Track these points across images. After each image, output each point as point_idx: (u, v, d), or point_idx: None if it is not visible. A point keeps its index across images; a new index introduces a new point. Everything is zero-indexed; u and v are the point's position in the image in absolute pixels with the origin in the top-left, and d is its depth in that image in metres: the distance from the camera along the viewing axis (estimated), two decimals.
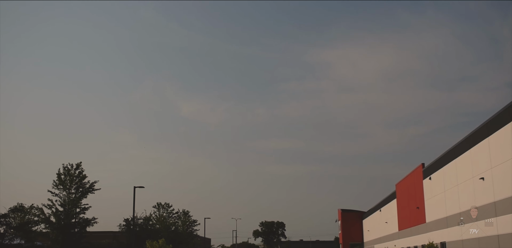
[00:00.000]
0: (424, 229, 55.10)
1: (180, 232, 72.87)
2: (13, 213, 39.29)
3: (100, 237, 68.81)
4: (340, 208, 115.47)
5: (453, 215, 45.28)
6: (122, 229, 59.39)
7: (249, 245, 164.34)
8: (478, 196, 39.14)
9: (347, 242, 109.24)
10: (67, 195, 47.31)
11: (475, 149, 39.93)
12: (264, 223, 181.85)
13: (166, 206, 74.96)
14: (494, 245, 35.72)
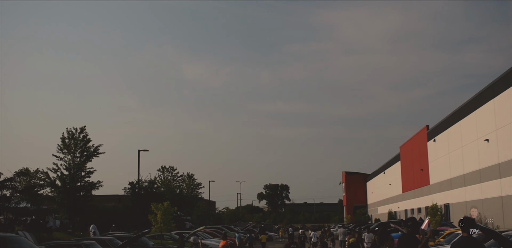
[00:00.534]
0: (428, 191, 55.37)
1: (185, 195, 73.38)
2: (18, 177, 39.44)
3: (106, 201, 69.47)
4: (344, 171, 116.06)
5: (457, 177, 45.40)
6: (127, 192, 59.73)
7: (254, 208, 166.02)
8: (483, 158, 39.15)
9: (351, 204, 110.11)
10: (72, 159, 47.41)
11: (480, 110, 39.74)
12: (268, 186, 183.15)
13: (171, 170, 75.33)
14: (498, 206, 35.87)
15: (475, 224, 10.36)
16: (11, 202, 36.92)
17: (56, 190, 46.82)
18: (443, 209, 46.19)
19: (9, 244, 14.51)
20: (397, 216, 71.06)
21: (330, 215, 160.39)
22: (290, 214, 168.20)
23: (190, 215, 76.08)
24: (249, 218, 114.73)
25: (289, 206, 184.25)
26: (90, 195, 49.03)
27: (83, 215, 49.34)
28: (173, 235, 35.63)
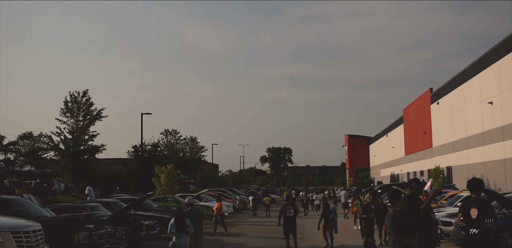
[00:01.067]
0: (431, 153, 55.49)
1: (188, 158, 73.74)
2: (22, 140, 39.51)
3: (109, 164, 69.68)
4: (347, 134, 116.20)
5: (460, 139, 45.41)
6: (131, 155, 60.01)
7: (257, 171, 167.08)
8: (486, 121, 39.07)
9: (354, 167, 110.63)
10: (75, 122, 47.44)
11: (484, 73, 39.47)
12: (271, 149, 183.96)
13: (174, 133, 75.45)
14: (500, 169, 35.98)
15: (481, 185, 10.34)
16: (15, 166, 37.01)
17: (60, 154, 47.00)
18: (445, 172, 46.35)
19: (15, 207, 14.61)
20: (400, 179, 71.44)
21: (332, 178, 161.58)
22: (292, 177, 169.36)
23: (194, 178, 76.54)
24: (252, 181, 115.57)
25: (292, 169, 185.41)
26: (93, 159, 49.24)
27: (87, 178, 49.60)
28: (177, 198, 35.88)
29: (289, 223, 21.20)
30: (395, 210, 9.93)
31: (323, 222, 21.45)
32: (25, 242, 10.63)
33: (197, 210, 16.35)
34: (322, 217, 21.61)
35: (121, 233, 18.67)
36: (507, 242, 15.68)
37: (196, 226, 15.62)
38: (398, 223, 9.73)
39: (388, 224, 9.60)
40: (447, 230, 17.75)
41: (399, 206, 10.00)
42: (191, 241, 15.52)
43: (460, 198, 23.49)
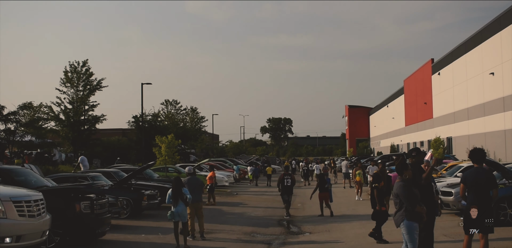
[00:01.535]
0: (431, 124, 55.49)
1: (188, 128, 73.69)
2: (22, 110, 39.38)
3: (110, 134, 69.71)
4: (347, 104, 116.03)
5: (461, 110, 45.35)
6: (131, 126, 59.98)
7: (257, 141, 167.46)
8: (487, 92, 38.95)
9: (354, 137, 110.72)
10: (75, 92, 47.27)
11: (486, 44, 39.20)
12: (271, 120, 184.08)
13: (174, 103, 75.24)
14: (500, 140, 36.01)
15: (483, 155, 10.35)
16: (16, 136, 37.02)
17: (60, 124, 46.96)
18: (445, 143, 46.42)
19: (16, 177, 14.63)
20: (400, 149, 71.58)
21: (332, 149, 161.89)
22: (293, 148, 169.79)
23: (194, 148, 76.68)
24: (253, 151, 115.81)
25: (292, 140, 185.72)
26: (94, 129, 49.23)
27: (88, 149, 49.69)
28: (178, 168, 36.00)
29: (287, 192, 21.72)
30: (405, 179, 9.94)
31: (318, 192, 21.80)
32: (26, 211, 10.68)
33: (197, 180, 16.38)
34: (317, 187, 21.92)
35: (122, 203, 18.77)
36: (507, 212, 15.76)
37: (195, 195, 15.68)
38: (411, 192, 9.76)
39: (402, 194, 9.59)
40: (447, 200, 17.83)
41: (407, 174, 10.00)
42: (191, 210, 15.60)
43: (460, 168, 23.52)
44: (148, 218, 20.13)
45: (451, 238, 13.80)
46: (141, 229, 17.01)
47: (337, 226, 18.19)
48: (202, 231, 15.72)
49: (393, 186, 10.15)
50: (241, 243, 14.91)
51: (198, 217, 15.82)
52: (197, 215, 15.79)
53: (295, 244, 14.75)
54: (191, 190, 15.52)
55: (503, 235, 13.82)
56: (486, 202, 9.96)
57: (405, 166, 10.05)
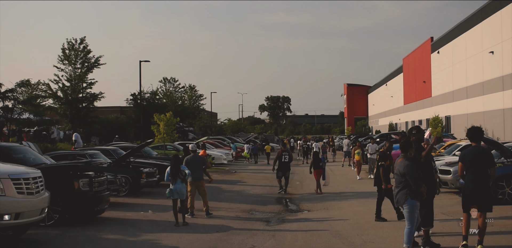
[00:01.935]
0: (430, 103, 55.43)
1: (187, 106, 73.60)
2: (19, 87, 39.17)
3: (108, 112, 69.64)
4: (346, 83, 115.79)
5: (460, 89, 45.27)
6: (130, 103, 59.85)
7: (255, 119, 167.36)
8: (486, 70, 38.84)
9: (352, 116, 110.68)
10: (73, 70, 47.04)
11: (486, 22, 38.99)
12: (270, 98, 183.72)
13: (173, 81, 74.97)
14: (499, 118, 36.00)
15: (481, 133, 10.32)
16: (14, 113, 36.89)
17: (58, 101, 46.82)
18: (444, 121, 46.42)
19: (14, 154, 14.59)
20: (398, 128, 71.63)
21: (331, 127, 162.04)
22: (291, 126, 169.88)
23: (193, 126, 76.67)
24: (251, 129, 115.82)
25: (290, 118, 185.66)
26: (92, 107, 49.10)
27: (86, 126, 49.63)
28: (176, 146, 36.01)
29: (283, 169, 22.23)
30: (410, 158, 9.91)
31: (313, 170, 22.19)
32: (25, 189, 10.66)
33: (199, 157, 16.37)
34: (312, 165, 22.36)
35: (121, 180, 18.78)
36: (505, 190, 15.79)
37: (197, 173, 15.72)
38: (418, 172, 9.76)
39: (409, 173, 9.56)
40: (446, 179, 17.85)
41: (412, 153, 9.99)
42: (192, 188, 15.65)
43: (458, 147, 23.54)
44: (146, 195, 20.17)
45: (450, 216, 13.84)
46: (140, 207, 17.05)
47: (335, 204, 18.25)
48: (207, 209, 15.72)
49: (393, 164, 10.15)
50: (240, 221, 14.95)
51: (201, 195, 15.81)
52: (200, 193, 15.78)
53: (293, 222, 14.80)
54: (193, 167, 15.55)
55: (501, 213, 13.85)
56: (484, 181, 9.95)
57: (409, 144, 10.02)
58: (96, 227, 13.32)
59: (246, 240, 11.85)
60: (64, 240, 11.78)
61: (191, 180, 15.60)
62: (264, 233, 12.79)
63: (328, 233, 12.49)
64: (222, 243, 11.51)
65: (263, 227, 13.87)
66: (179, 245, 11.24)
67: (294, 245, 11.13)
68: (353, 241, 11.38)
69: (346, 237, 11.94)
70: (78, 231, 12.71)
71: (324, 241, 11.54)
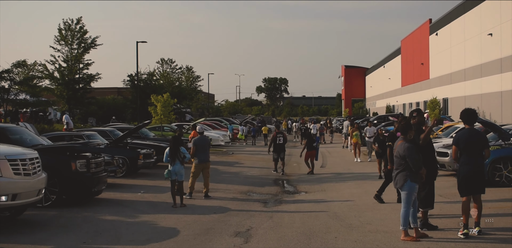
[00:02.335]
0: (427, 85, 55.33)
1: (184, 87, 73.37)
2: (16, 68, 38.98)
3: (105, 93, 69.48)
4: (343, 64, 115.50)
5: (458, 71, 45.15)
6: (127, 84, 59.58)
7: (252, 101, 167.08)
8: (485, 53, 38.70)
9: (349, 98, 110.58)
10: (69, 50, 46.79)
11: (485, 4, 38.75)
12: (267, 79, 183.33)
13: (170, 62, 74.65)
14: (497, 101, 35.97)
15: (476, 116, 10.26)
16: (10, 94, 36.77)
17: (55, 82, 46.63)
18: (441, 104, 46.39)
19: (11, 135, 14.52)
20: (395, 110, 71.61)
21: (328, 109, 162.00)
22: (288, 108, 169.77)
23: (190, 108, 76.58)
24: (248, 111, 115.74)
25: (288, 100, 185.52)
26: (89, 87, 48.92)
27: (83, 107, 49.53)
28: (173, 127, 35.99)
29: (278, 150, 22.54)
30: (411, 140, 9.87)
31: (305, 150, 22.39)
32: (22, 170, 10.61)
33: (206, 139, 16.35)
34: (306, 145, 22.50)
35: (118, 162, 18.78)
36: (503, 173, 15.81)
37: (204, 154, 15.79)
38: (418, 154, 9.72)
39: (410, 156, 9.51)
40: (443, 161, 17.85)
41: (411, 135, 9.94)
42: (197, 169, 15.71)
43: (456, 129, 23.51)
44: (144, 177, 20.16)
45: (447, 199, 13.86)
46: (137, 188, 17.05)
47: (333, 186, 18.27)
48: (207, 191, 15.72)
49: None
50: (237, 202, 14.96)
51: (204, 177, 15.82)
52: (204, 175, 15.79)
53: (291, 203, 14.81)
54: (200, 149, 15.62)
55: (498, 196, 13.89)
56: (480, 163, 9.93)
57: (410, 127, 9.96)
58: (94, 208, 13.31)
59: (243, 221, 11.86)
60: (61, 221, 11.78)
61: (198, 161, 15.66)
62: (262, 215, 12.80)
63: (326, 215, 12.51)
64: (219, 224, 11.51)
65: (261, 209, 13.88)
66: (177, 226, 11.24)
67: (291, 227, 11.13)
68: (351, 223, 11.39)
69: (343, 218, 11.96)
70: (76, 212, 12.71)
71: (322, 222, 11.55)
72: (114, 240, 10.02)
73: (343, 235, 10.22)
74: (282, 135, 22.83)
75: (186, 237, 10.24)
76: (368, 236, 10.05)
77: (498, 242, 9.22)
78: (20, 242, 9.70)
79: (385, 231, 10.40)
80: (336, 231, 10.56)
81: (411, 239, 9.50)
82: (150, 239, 10.06)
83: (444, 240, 9.47)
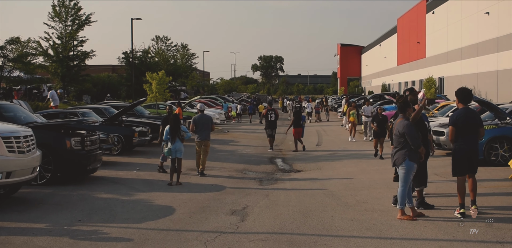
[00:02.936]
0: (423, 64, 55.20)
1: (179, 65, 72.95)
2: (9, 45, 38.56)
3: (100, 71, 69.07)
4: (339, 43, 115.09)
5: (454, 50, 45.00)
6: (121, 62, 59.15)
7: (248, 79, 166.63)
8: (481, 31, 38.52)
9: (345, 76, 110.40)
10: (64, 27, 46.37)
11: None
12: (262, 57, 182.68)
13: (165, 39, 74.07)
14: (493, 80, 35.91)
15: (472, 95, 10.15)
16: (4, 71, 36.47)
17: (49, 59, 46.28)
18: (437, 82, 46.32)
19: (5, 112, 14.39)
20: (391, 89, 71.54)
21: (323, 87, 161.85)
22: (283, 86, 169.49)
23: (185, 85, 76.27)
24: (244, 89, 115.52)
25: (283, 78, 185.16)
26: (83, 65, 48.59)
27: (77, 85, 49.24)
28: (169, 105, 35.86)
29: (271, 127, 23.17)
30: (409, 118, 9.81)
31: (293, 128, 22.89)
32: (16, 147, 10.52)
33: (207, 117, 16.28)
34: (293, 123, 22.96)
35: (113, 139, 18.70)
36: (498, 152, 15.80)
37: (204, 132, 15.80)
38: (417, 132, 9.67)
39: (409, 133, 9.43)
40: (439, 140, 17.82)
41: (410, 113, 9.87)
42: (198, 146, 15.77)
43: (452, 108, 23.50)
44: (139, 154, 20.11)
45: (443, 178, 13.85)
46: (133, 166, 17.00)
47: (328, 164, 18.26)
48: (202, 169, 15.74)
49: (388, 126, 10.06)
50: (233, 180, 14.93)
51: (202, 155, 15.82)
52: (202, 152, 15.80)
53: (287, 181, 14.79)
54: (201, 127, 15.71)
55: (494, 175, 13.89)
56: (476, 143, 9.88)
57: (407, 104, 9.88)
58: (89, 186, 13.26)
59: (239, 199, 11.83)
60: (56, 199, 11.72)
61: (199, 139, 15.69)
62: (258, 193, 12.77)
63: (322, 193, 12.49)
64: (215, 202, 11.48)
65: (257, 187, 13.85)
66: (172, 204, 11.21)
67: (288, 205, 11.11)
68: (347, 201, 11.37)
69: (339, 197, 11.94)
70: (70, 190, 12.65)
71: (318, 201, 11.53)
72: (109, 218, 9.98)
73: (340, 213, 10.21)
74: (273, 112, 23.44)
75: (182, 215, 10.21)
76: (365, 214, 10.04)
77: (495, 221, 9.21)
78: (14, 220, 9.65)
79: (381, 210, 10.40)
80: (332, 210, 10.54)
81: (408, 218, 9.49)
82: (145, 217, 10.03)
83: (441, 219, 9.46)
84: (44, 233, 8.76)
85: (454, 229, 8.81)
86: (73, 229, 9.05)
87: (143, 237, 8.56)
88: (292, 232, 8.87)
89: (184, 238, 8.52)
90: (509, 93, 32.72)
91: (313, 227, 9.16)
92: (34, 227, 9.18)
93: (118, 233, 8.86)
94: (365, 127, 26.79)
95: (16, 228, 9.08)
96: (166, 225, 9.38)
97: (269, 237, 8.53)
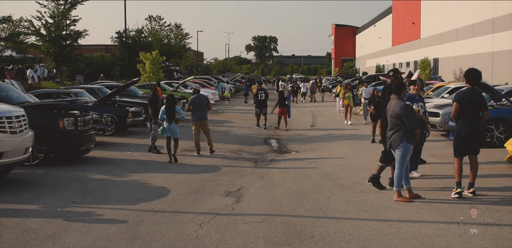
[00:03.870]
0: (418, 45, 54.99)
1: (173, 45, 72.52)
2: (1, 24, 38.22)
3: (93, 50, 68.56)
4: (333, 23, 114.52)
5: (449, 31, 44.79)
6: (114, 42, 58.76)
7: (242, 59, 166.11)
8: (477, 12, 38.31)
9: (339, 57, 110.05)
10: (56, 6, 45.96)
11: None
12: (256, 38, 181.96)
13: (158, 19, 73.46)
14: (488, 62, 35.79)
15: (480, 77, 10.05)
16: None
17: (42, 39, 45.91)
18: (432, 64, 46.16)
19: None
20: (385, 70, 71.31)
21: (317, 68, 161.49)
22: (277, 66, 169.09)
23: (178, 66, 75.93)
24: (237, 69, 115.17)
25: (277, 58, 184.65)
26: (76, 44, 48.25)
27: (70, 64, 48.93)
28: (162, 85, 35.60)
29: (260, 106, 24.07)
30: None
31: (278, 108, 23.47)
32: (8, 128, 10.37)
33: (203, 97, 16.21)
34: (278, 103, 23.46)
35: (107, 120, 18.55)
36: (494, 134, 15.76)
37: (201, 112, 15.87)
38: (414, 113, 9.60)
39: (406, 114, 9.34)
40: (434, 121, 17.74)
41: (406, 94, 9.80)
42: (196, 127, 15.87)
43: (447, 89, 23.41)
44: (133, 135, 20.00)
45: (439, 159, 13.80)
46: (126, 146, 16.89)
47: (323, 145, 18.19)
48: (211, 147, 16.00)
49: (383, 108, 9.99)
50: (227, 160, 14.85)
51: (205, 134, 16.05)
52: (204, 132, 16.03)
53: (281, 162, 14.72)
54: (198, 107, 15.80)
55: (490, 157, 13.83)
56: (479, 124, 9.81)
57: (403, 85, 9.78)
58: (82, 167, 13.14)
59: (234, 180, 11.74)
60: (49, 179, 11.60)
61: (195, 119, 15.82)
62: (253, 174, 12.69)
63: (317, 174, 12.41)
64: (210, 183, 11.39)
65: (252, 168, 13.77)
66: (167, 185, 11.11)
67: (283, 186, 11.03)
68: (343, 183, 11.30)
69: (335, 178, 11.86)
70: (64, 171, 12.53)
71: (313, 182, 11.46)
72: (103, 199, 9.88)
73: (336, 195, 10.14)
74: (263, 91, 24.14)
75: (177, 196, 10.12)
76: (361, 196, 9.97)
77: (491, 204, 9.18)
78: (7, 201, 9.53)
79: (377, 191, 10.33)
80: (328, 191, 10.47)
81: (404, 199, 9.43)
82: (139, 198, 9.93)
83: (437, 201, 9.41)
84: (37, 215, 8.66)
85: (451, 211, 8.76)
86: (66, 211, 8.95)
87: (138, 218, 8.47)
88: (288, 214, 8.80)
89: (179, 220, 8.43)
90: (504, 75, 32.65)
91: (309, 209, 9.09)
92: (27, 209, 9.07)
93: (112, 214, 8.76)
94: (364, 110, 25.30)
95: (9, 210, 8.97)
96: (161, 207, 9.29)
97: (265, 218, 8.45)
